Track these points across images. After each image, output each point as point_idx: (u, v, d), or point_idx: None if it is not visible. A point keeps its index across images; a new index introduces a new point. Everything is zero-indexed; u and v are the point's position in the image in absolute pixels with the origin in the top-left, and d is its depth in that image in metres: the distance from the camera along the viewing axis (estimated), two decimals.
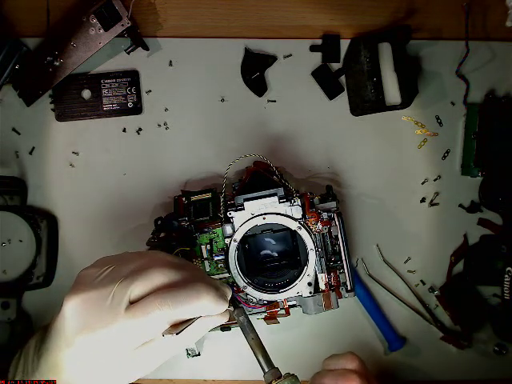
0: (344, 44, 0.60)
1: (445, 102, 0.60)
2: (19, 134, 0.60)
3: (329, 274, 0.51)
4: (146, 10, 0.59)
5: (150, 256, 0.38)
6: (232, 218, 0.49)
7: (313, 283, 0.50)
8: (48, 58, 0.56)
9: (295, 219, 0.49)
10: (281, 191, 0.49)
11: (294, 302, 0.52)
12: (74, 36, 0.56)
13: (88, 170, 0.60)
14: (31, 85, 0.57)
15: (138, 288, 0.35)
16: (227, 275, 0.51)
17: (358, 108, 0.59)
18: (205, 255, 0.51)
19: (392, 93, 0.56)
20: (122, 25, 0.55)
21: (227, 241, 0.49)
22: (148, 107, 0.60)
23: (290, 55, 0.60)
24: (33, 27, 0.59)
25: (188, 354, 0.54)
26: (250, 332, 0.39)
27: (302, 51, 0.60)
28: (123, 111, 0.60)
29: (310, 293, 0.50)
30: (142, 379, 0.60)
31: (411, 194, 0.60)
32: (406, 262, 0.60)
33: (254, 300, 0.50)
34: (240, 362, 0.60)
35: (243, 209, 0.49)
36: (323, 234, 0.50)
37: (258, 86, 0.60)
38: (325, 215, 0.50)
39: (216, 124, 0.60)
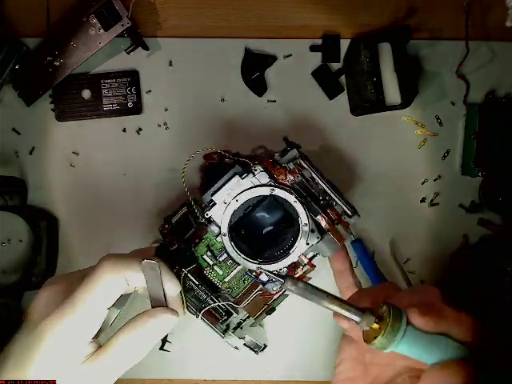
0: (344, 44, 0.60)
1: (445, 102, 0.60)
2: (19, 133, 0.60)
3: (325, 212, 0.50)
4: (145, 10, 0.59)
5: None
6: (211, 217, 0.49)
7: (315, 228, 0.49)
8: (48, 58, 0.56)
9: (265, 185, 0.49)
10: (237, 168, 0.49)
11: (311, 254, 0.51)
12: (74, 36, 0.56)
13: (88, 169, 0.60)
14: (31, 85, 0.57)
15: None
16: (239, 267, 0.50)
17: (358, 108, 0.59)
18: (210, 262, 0.51)
19: (392, 93, 0.56)
20: (122, 25, 0.55)
21: (219, 239, 0.49)
22: (148, 107, 0.60)
23: (290, 55, 0.60)
24: (33, 27, 0.59)
25: (255, 351, 0.54)
26: (319, 293, 0.33)
27: (302, 51, 0.60)
28: (123, 111, 0.60)
29: (318, 238, 0.49)
30: (142, 379, 0.60)
31: (411, 194, 0.60)
32: (405, 263, 0.60)
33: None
34: (240, 362, 0.60)
35: (215, 203, 0.49)
36: (298, 182, 0.50)
37: (258, 85, 0.60)
38: (291, 165, 0.50)
39: (216, 124, 0.60)
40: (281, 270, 0.49)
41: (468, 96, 0.60)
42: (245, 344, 0.52)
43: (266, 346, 0.55)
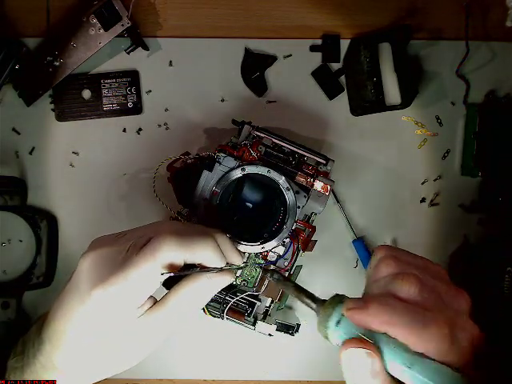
0: (344, 44, 0.60)
1: (445, 101, 0.60)
2: (19, 134, 0.60)
3: (300, 170, 0.50)
4: (145, 10, 0.59)
5: (158, 224, 0.41)
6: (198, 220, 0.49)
7: (299, 189, 0.50)
8: (48, 58, 0.56)
9: (234, 168, 0.49)
10: (207, 166, 0.49)
11: (306, 216, 0.51)
12: (74, 36, 0.56)
13: (88, 169, 0.60)
14: (31, 85, 0.58)
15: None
16: (246, 257, 0.50)
17: (358, 108, 0.59)
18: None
19: (392, 93, 0.56)
20: (122, 25, 0.55)
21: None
22: (148, 107, 0.60)
23: (290, 55, 0.60)
24: (33, 27, 0.59)
25: (289, 332, 0.53)
26: (288, 282, 0.38)
27: (302, 51, 0.60)
28: (123, 111, 0.60)
29: (305, 196, 0.50)
30: (142, 379, 0.60)
31: (411, 194, 0.60)
32: None
33: (281, 250, 0.50)
34: (241, 362, 0.60)
35: (197, 205, 0.49)
36: (264, 153, 0.50)
37: (258, 85, 0.60)
38: (250, 141, 0.51)
39: (216, 124, 0.60)
40: (284, 242, 0.50)
41: (468, 96, 0.60)
42: (277, 329, 0.52)
43: (299, 326, 0.53)
